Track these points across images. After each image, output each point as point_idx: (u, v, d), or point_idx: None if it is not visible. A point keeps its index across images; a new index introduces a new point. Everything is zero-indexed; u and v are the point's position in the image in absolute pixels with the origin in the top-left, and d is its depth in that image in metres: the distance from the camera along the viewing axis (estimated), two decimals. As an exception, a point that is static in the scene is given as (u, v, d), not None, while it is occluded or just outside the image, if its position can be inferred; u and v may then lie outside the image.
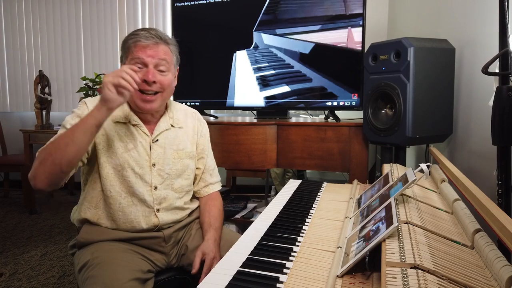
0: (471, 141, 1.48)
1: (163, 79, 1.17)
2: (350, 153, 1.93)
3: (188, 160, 1.29)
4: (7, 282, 2.05)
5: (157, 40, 1.16)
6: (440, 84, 1.54)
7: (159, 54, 1.15)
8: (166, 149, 1.24)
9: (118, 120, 1.19)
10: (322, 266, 0.73)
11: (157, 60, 1.15)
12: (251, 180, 3.59)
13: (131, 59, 1.14)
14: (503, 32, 1.00)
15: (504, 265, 0.56)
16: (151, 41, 1.15)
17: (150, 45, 1.14)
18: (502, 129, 0.97)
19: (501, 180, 1.00)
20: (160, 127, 1.24)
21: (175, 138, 1.27)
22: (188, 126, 1.33)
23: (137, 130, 1.20)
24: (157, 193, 1.20)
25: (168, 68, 1.18)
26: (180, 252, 1.26)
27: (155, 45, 1.15)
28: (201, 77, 2.39)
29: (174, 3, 2.39)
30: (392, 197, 0.84)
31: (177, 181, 1.26)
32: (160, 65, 1.16)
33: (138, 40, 1.14)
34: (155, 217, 1.19)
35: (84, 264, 1.07)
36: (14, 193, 3.94)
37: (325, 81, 2.09)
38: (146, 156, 1.20)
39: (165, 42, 1.18)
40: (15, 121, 4.19)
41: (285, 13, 2.14)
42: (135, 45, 1.14)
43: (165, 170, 1.23)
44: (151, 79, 1.13)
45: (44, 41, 4.08)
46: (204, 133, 1.39)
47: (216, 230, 1.25)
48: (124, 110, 1.20)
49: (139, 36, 1.15)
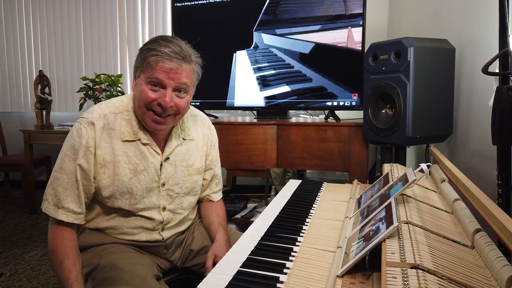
0: (471, 141, 1.48)
1: (180, 102, 1.07)
2: (350, 153, 1.93)
3: (197, 176, 1.25)
4: (7, 282, 2.05)
5: (181, 62, 1.04)
6: (440, 84, 1.54)
7: (181, 78, 1.05)
8: (177, 167, 1.18)
9: (127, 139, 1.09)
10: (322, 266, 0.73)
11: (177, 83, 1.05)
12: (251, 180, 3.59)
13: (149, 77, 1.03)
14: (503, 32, 1.00)
15: (504, 265, 0.56)
16: (175, 64, 1.03)
17: (173, 68, 1.03)
18: (502, 129, 0.97)
19: (501, 180, 1.00)
20: (172, 144, 1.17)
21: (185, 153, 1.21)
22: (198, 136, 1.26)
23: (148, 149, 1.12)
24: (166, 214, 1.17)
25: (187, 91, 1.09)
26: (184, 256, 1.24)
27: (178, 67, 1.04)
28: (201, 77, 2.38)
29: (174, 3, 2.39)
30: (392, 197, 0.84)
31: (186, 199, 1.22)
32: (180, 88, 1.07)
33: (161, 60, 1.02)
34: (158, 235, 1.17)
35: (95, 267, 1.05)
36: (14, 193, 3.94)
37: (325, 81, 2.09)
38: (155, 177, 1.13)
39: (189, 61, 1.07)
40: (15, 121, 4.19)
41: (285, 13, 2.14)
42: (156, 64, 1.02)
43: (175, 190, 1.18)
44: (168, 105, 1.04)
45: (44, 41, 4.08)
46: (214, 142, 1.33)
47: (225, 231, 1.24)
48: (133, 126, 1.11)
49: (162, 55, 1.02)
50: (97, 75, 3.36)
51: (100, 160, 1.07)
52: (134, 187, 1.10)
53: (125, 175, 1.09)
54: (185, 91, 1.09)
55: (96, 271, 1.04)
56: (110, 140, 1.08)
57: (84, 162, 1.05)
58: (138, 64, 1.08)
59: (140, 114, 1.09)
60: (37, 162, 3.50)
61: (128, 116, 1.12)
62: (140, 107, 1.07)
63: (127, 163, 1.09)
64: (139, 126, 1.12)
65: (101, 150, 1.07)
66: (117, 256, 1.06)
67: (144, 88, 1.04)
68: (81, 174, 1.05)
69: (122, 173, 1.08)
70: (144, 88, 1.05)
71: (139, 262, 1.07)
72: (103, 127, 1.08)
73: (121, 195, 1.09)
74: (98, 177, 1.07)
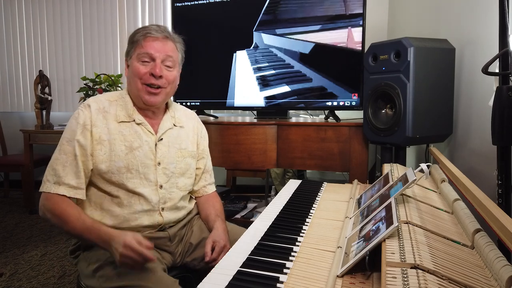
0: (471, 141, 1.48)
1: (169, 74, 1.19)
2: (350, 153, 1.93)
3: (190, 159, 1.30)
4: (7, 282, 2.05)
5: (166, 35, 1.18)
6: (440, 84, 1.54)
7: (167, 50, 1.17)
8: (170, 148, 1.24)
9: (122, 120, 1.18)
10: (322, 266, 0.73)
11: (164, 55, 1.16)
12: (251, 180, 3.59)
13: (139, 54, 1.15)
14: (503, 32, 1.00)
15: (504, 265, 0.56)
16: (161, 35, 1.17)
17: (160, 39, 1.16)
18: (502, 129, 0.97)
19: (501, 180, 1.00)
20: (165, 126, 1.25)
21: (177, 137, 1.28)
22: (188, 126, 1.34)
23: (142, 129, 1.20)
24: (162, 192, 1.20)
25: (174, 65, 1.20)
26: (184, 250, 1.27)
27: (164, 40, 1.18)
28: (201, 77, 2.39)
29: (174, 3, 2.39)
30: (392, 197, 0.84)
31: (181, 179, 1.26)
32: (167, 60, 1.18)
33: (149, 32, 1.16)
34: (159, 216, 1.19)
35: (103, 263, 1.06)
36: (14, 193, 3.94)
37: (325, 81, 2.09)
38: (151, 155, 1.19)
39: (173, 39, 1.21)
40: (15, 121, 4.19)
41: (285, 13, 2.14)
42: (144, 38, 1.16)
43: (170, 169, 1.23)
44: (159, 73, 1.15)
45: (44, 41, 4.08)
46: (204, 134, 1.41)
47: (223, 221, 1.29)
48: (128, 108, 1.20)
49: (150, 29, 1.17)
50: (97, 75, 3.36)
51: (96, 137, 1.13)
52: (130, 162, 1.15)
53: (121, 151, 1.15)
54: (173, 65, 1.20)
55: (105, 267, 1.05)
56: (105, 121, 1.16)
57: (81, 138, 1.12)
58: (128, 49, 1.20)
59: (135, 91, 1.18)
60: (37, 162, 3.49)
61: (123, 102, 1.21)
62: (135, 84, 1.17)
63: (123, 141, 1.16)
64: (134, 110, 1.21)
65: (97, 128, 1.14)
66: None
67: (136, 65, 1.16)
68: (79, 150, 1.11)
69: (118, 149, 1.15)
70: (136, 65, 1.16)
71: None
72: (99, 109, 1.16)
73: (118, 170, 1.14)
74: (95, 153, 1.13)
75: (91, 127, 1.13)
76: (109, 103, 1.19)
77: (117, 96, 1.22)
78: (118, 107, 1.19)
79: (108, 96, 1.22)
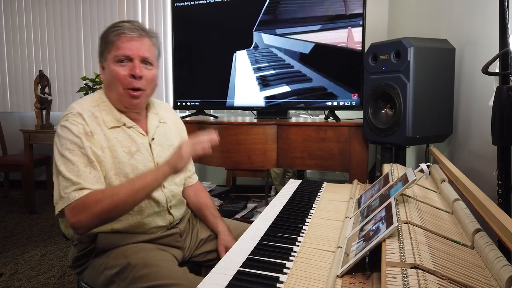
0: (471, 141, 1.48)
1: (149, 73, 1.13)
2: (350, 153, 1.93)
3: None
4: (7, 282, 2.05)
5: (141, 33, 1.11)
6: (440, 84, 1.54)
7: (144, 49, 1.11)
8: (163, 147, 1.23)
9: (112, 126, 1.12)
10: (322, 266, 0.73)
11: (142, 55, 1.10)
12: (251, 180, 3.59)
13: (115, 56, 1.08)
14: (503, 32, 1.00)
15: (504, 265, 0.56)
16: (136, 34, 1.10)
17: (135, 38, 1.09)
18: (502, 129, 0.97)
19: (501, 180, 1.00)
20: (153, 125, 1.23)
21: (164, 134, 1.26)
22: (169, 121, 1.32)
23: (134, 131, 1.16)
24: (166, 191, 1.20)
25: (152, 62, 1.15)
26: (192, 244, 1.29)
27: (140, 38, 1.10)
28: (201, 77, 2.39)
29: (174, 3, 2.39)
30: (392, 197, 0.84)
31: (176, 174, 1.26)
32: (145, 59, 1.12)
33: (122, 32, 1.08)
34: (169, 214, 1.20)
35: (124, 267, 1.03)
36: (14, 193, 3.94)
37: (325, 81, 2.09)
38: (149, 157, 1.18)
39: (149, 36, 1.14)
40: (15, 121, 4.19)
41: (285, 13, 2.14)
42: (119, 38, 1.08)
43: None
44: (139, 74, 1.09)
45: (44, 41, 4.08)
46: (181, 125, 1.39)
47: (222, 220, 1.33)
48: (114, 112, 1.14)
49: (123, 28, 1.09)
50: (97, 75, 3.36)
51: (100, 145, 1.08)
52: (134, 167, 1.12)
53: (123, 157, 1.11)
54: (151, 64, 1.14)
55: (127, 271, 1.02)
56: (99, 127, 1.10)
57: (90, 144, 1.05)
58: (101, 49, 1.13)
59: (116, 96, 1.12)
60: (37, 162, 3.50)
61: (106, 106, 1.14)
62: (115, 87, 1.10)
63: (121, 147, 1.12)
64: (120, 112, 1.15)
65: (97, 135, 1.08)
66: (145, 254, 1.07)
67: (113, 68, 1.09)
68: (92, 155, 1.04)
69: (121, 155, 1.11)
70: (113, 68, 1.09)
71: (168, 258, 1.10)
72: (90, 116, 1.09)
73: (125, 176, 1.10)
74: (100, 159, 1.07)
75: (92, 134, 1.07)
76: (93, 108, 1.12)
77: (97, 101, 1.15)
78: (103, 112, 1.12)
79: (89, 101, 1.14)
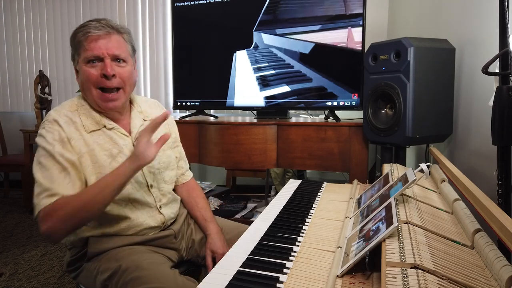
0: (471, 141, 1.48)
1: (122, 71, 1.09)
2: (350, 153, 1.93)
3: (169, 150, 1.29)
4: (7, 282, 2.05)
5: (109, 30, 1.08)
6: (440, 84, 1.54)
7: (113, 46, 1.07)
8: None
9: (92, 129, 1.10)
10: (322, 266, 0.73)
11: (112, 52, 1.07)
12: (251, 180, 3.59)
13: (85, 57, 1.06)
14: (503, 32, 1.00)
15: (504, 265, 0.56)
16: (103, 31, 1.06)
17: (102, 35, 1.06)
18: (502, 129, 0.97)
19: (501, 180, 1.00)
20: (136, 124, 1.19)
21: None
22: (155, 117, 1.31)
23: (115, 133, 1.13)
24: (154, 191, 1.19)
25: (125, 59, 1.10)
26: (187, 246, 1.28)
27: (107, 35, 1.07)
28: (201, 77, 2.39)
29: (174, 3, 2.39)
30: (392, 197, 0.84)
31: (166, 173, 1.25)
32: (116, 57, 1.08)
33: (88, 31, 1.05)
34: (159, 214, 1.19)
35: (115, 270, 1.02)
36: (14, 193, 3.94)
37: (325, 81, 2.09)
38: None
39: (117, 32, 1.10)
40: (15, 121, 4.19)
41: (285, 13, 2.14)
42: (85, 38, 1.05)
43: (154, 166, 1.19)
44: (110, 73, 1.06)
45: (44, 41, 4.08)
46: (171, 121, 1.36)
47: (212, 222, 1.29)
48: (93, 115, 1.12)
49: (89, 27, 1.06)
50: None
51: (78, 151, 1.06)
52: None
53: (104, 161, 1.09)
54: (124, 61, 1.10)
55: (118, 274, 1.01)
56: (78, 132, 1.08)
57: (64, 151, 1.03)
58: (72, 52, 1.11)
59: (92, 99, 1.10)
60: (37, 162, 3.49)
61: (85, 110, 1.12)
62: (89, 90, 1.08)
63: (102, 150, 1.10)
64: (100, 115, 1.13)
65: (75, 141, 1.06)
66: (137, 257, 1.05)
67: (85, 69, 1.07)
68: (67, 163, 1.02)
69: (101, 159, 1.09)
70: (84, 70, 1.07)
71: (160, 261, 1.08)
72: (67, 121, 1.08)
73: None
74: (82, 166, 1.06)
75: (69, 140, 1.05)
76: (72, 113, 1.10)
77: (76, 105, 1.13)
78: (82, 116, 1.10)
79: (67, 106, 1.12)
